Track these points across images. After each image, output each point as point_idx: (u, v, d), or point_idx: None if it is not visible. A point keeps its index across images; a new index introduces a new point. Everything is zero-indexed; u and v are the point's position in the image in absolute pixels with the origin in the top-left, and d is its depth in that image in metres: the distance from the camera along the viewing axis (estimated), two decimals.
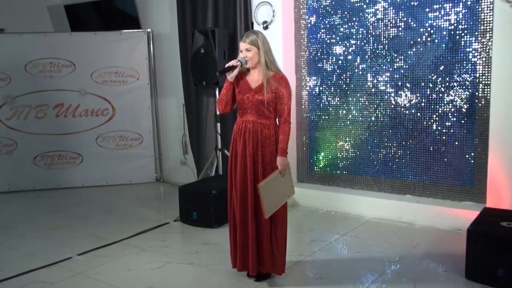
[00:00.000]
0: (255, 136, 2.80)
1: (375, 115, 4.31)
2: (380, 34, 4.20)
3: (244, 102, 2.81)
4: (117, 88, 5.52)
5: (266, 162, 2.79)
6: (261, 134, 2.79)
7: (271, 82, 2.75)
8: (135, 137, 5.62)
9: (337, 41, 4.45)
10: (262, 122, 2.80)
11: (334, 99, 4.54)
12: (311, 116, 4.68)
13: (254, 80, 2.84)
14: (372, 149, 4.35)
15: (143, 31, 5.54)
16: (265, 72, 2.76)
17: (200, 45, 4.73)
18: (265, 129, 2.79)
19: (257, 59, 2.79)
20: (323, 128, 4.62)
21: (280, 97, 2.77)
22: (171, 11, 5.40)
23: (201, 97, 5.21)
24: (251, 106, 2.80)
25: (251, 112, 2.81)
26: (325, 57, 4.54)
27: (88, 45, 5.43)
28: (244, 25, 4.70)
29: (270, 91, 2.75)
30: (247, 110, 2.82)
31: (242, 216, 2.81)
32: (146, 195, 5.23)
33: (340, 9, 4.39)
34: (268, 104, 2.75)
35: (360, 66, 4.35)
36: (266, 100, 2.74)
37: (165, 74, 5.67)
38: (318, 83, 4.61)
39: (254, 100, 2.78)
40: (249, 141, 2.80)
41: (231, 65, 2.76)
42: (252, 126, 2.80)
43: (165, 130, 5.80)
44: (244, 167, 2.81)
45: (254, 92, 2.79)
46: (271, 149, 2.80)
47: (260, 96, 2.76)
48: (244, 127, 2.83)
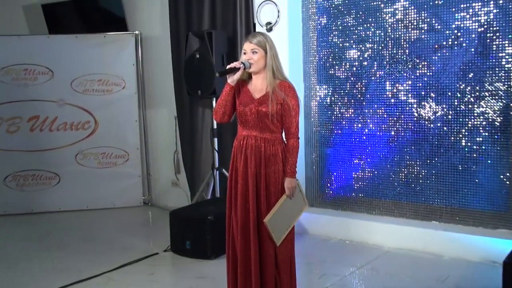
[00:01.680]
0: (258, 154, 2.78)
1: (395, 129, 4.30)
2: (400, 37, 4.20)
3: (245, 114, 2.80)
4: (101, 98, 5.52)
5: (270, 183, 2.78)
6: (265, 151, 2.78)
7: (277, 92, 2.75)
8: (120, 154, 5.61)
9: (351, 45, 4.45)
10: (266, 138, 2.79)
11: (348, 110, 4.53)
12: (322, 130, 4.67)
13: (257, 89, 2.83)
14: (392, 168, 4.34)
15: (130, 34, 5.56)
16: (271, 80, 2.75)
17: (195, 49, 4.74)
18: (269, 145, 2.79)
19: (263, 63, 2.79)
20: (336, 144, 4.61)
21: (287, 109, 2.76)
22: (162, 11, 5.42)
23: (196, 109, 5.21)
24: (253, 119, 2.79)
25: (254, 126, 2.80)
26: (337, 63, 4.54)
27: (68, 49, 5.44)
28: (245, 26, 4.71)
29: (276, 102, 2.74)
30: (249, 123, 2.81)
31: (244, 246, 2.78)
32: (132, 221, 5.20)
33: (354, 8, 4.41)
34: (273, 117, 2.74)
35: (377, 73, 4.35)
36: (271, 112, 2.73)
37: (155, 82, 5.67)
38: (329, 93, 4.61)
39: (257, 113, 2.77)
40: (251, 159, 2.78)
41: (234, 66, 2.76)
42: (254, 142, 2.79)
43: (155, 146, 5.77)
44: (246, 189, 2.79)
45: (257, 103, 2.78)
46: (276, 168, 2.79)
47: (264, 107, 2.75)
48: (245, 143, 2.82)
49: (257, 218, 2.76)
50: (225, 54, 4.69)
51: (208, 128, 5.09)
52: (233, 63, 2.78)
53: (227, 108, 2.84)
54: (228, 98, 2.83)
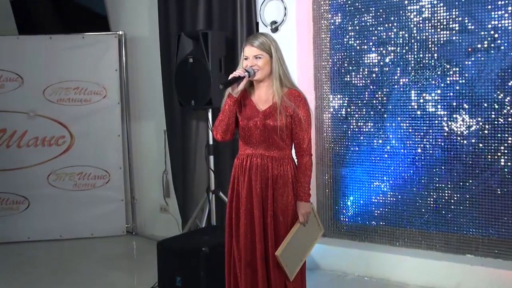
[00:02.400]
0: (264, 175, 2.78)
1: (422, 146, 4.26)
2: (427, 39, 4.18)
3: (250, 129, 2.80)
4: (78, 109, 5.50)
5: (278, 210, 2.77)
6: (273, 171, 2.77)
7: (285, 102, 2.73)
8: (100, 174, 5.57)
9: (370, 48, 4.43)
10: (274, 156, 2.79)
11: (367, 124, 4.50)
12: (336, 147, 4.63)
13: (262, 99, 2.83)
14: (419, 192, 4.29)
15: (113, 34, 5.54)
16: (278, 88, 2.74)
17: (188, 52, 4.72)
18: (277, 164, 2.78)
19: (268, 69, 2.79)
20: (352, 164, 4.57)
21: (298, 122, 2.76)
22: (150, 8, 5.42)
23: (189, 122, 5.18)
24: (259, 135, 2.78)
25: (259, 143, 2.80)
26: (354, 68, 4.52)
27: (40, 52, 5.43)
28: (247, 26, 4.69)
29: (285, 113, 2.72)
30: (253, 139, 2.80)
31: (249, 285, 2.78)
32: (113, 252, 5.16)
33: (373, 5, 4.40)
34: (282, 131, 2.73)
35: (400, 81, 4.33)
36: (280, 126, 2.70)
37: (142, 90, 5.65)
38: (345, 103, 4.58)
39: (263, 127, 2.77)
40: (256, 181, 2.79)
41: (237, 75, 2.74)
42: (260, 161, 2.79)
43: (140, 166, 5.74)
44: (251, 217, 2.79)
45: (264, 115, 2.78)
46: (285, 192, 2.78)
47: (272, 121, 2.75)
48: (249, 162, 2.81)
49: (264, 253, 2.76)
50: (223, 58, 4.67)
51: (203, 144, 5.06)
52: (236, 72, 2.78)
53: (230, 124, 2.84)
54: (231, 113, 2.82)
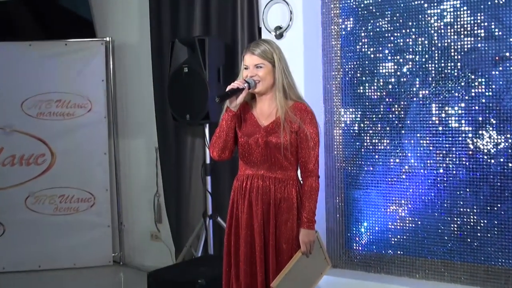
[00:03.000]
0: (266, 198, 2.79)
1: (445, 165, 4.25)
2: (450, 46, 4.18)
3: (250, 147, 2.81)
4: (59, 124, 5.51)
5: (281, 237, 2.78)
6: (276, 194, 2.78)
7: (290, 117, 2.74)
8: (84, 197, 5.57)
9: (386, 56, 4.43)
10: (277, 177, 2.80)
11: (382, 141, 4.49)
12: (348, 167, 4.63)
13: (264, 113, 2.84)
14: (441, 217, 4.27)
15: (99, 41, 5.57)
16: (282, 101, 2.75)
17: (183, 61, 4.74)
18: (281, 186, 2.79)
19: (270, 80, 2.81)
20: (366, 185, 4.56)
21: (304, 139, 2.77)
22: (141, 12, 5.45)
23: (183, 138, 5.19)
24: (260, 153, 2.79)
25: (261, 162, 2.81)
26: (368, 79, 4.52)
27: (18, 61, 5.45)
28: (248, 32, 4.71)
29: (289, 130, 2.73)
30: (254, 158, 2.82)
31: None
32: (99, 285, 5.13)
33: (389, 9, 4.41)
34: (286, 149, 2.73)
35: (420, 93, 4.32)
36: (284, 143, 2.70)
37: (131, 103, 5.67)
38: (357, 118, 4.58)
39: (265, 144, 2.78)
40: (257, 205, 2.79)
41: (236, 87, 2.75)
42: (262, 183, 2.80)
43: (129, 187, 5.74)
44: (251, 245, 2.80)
45: (266, 131, 2.79)
46: (290, 218, 2.79)
47: (275, 137, 2.76)
48: (249, 184, 2.83)
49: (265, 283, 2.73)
50: (222, 67, 4.69)
51: (198, 164, 5.06)
52: (235, 83, 2.80)
53: (228, 141, 2.85)
54: (229, 129, 2.83)
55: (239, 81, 2.80)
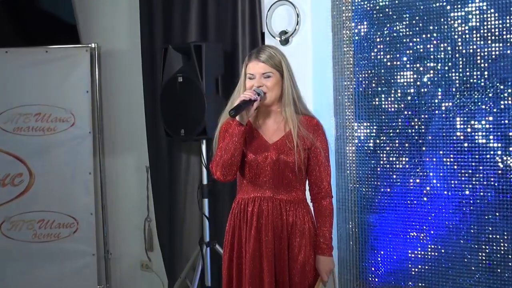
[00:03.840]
0: (278, 223, 2.80)
1: (471, 186, 4.24)
2: (476, 53, 4.18)
3: (259, 166, 2.83)
4: (39, 140, 5.50)
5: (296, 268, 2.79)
6: (288, 218, 2.79)
7: (302, 132, 2.76)
8: (66, 222, 5.55)
9: (404, 64, 4.44)
10: (287, 199, 2.81)
11: (400, 159, 4.48)
12: (362, 187, 4.62)
13: (269, 128, 2.88)
14: (468, 244, 4.25)
15: (83, 47, 5.57)
16: (292, 114, 2.76)
17: (177, 69, 4.75)
18: (292, 209, 2.82)
19: (278, 91, 2.83)
20: (383, 209, 4.55)
21: (316, 157, 2.78)
22: (131, 15, 5.48)
23: (178, 156, 5.20)
24: (270, 172, 2.82)
25: (270, 182, 2.83)
26: (384, 89, 4.52)
27: None
28: (250, 37, 4.73)
29: (302, 147, 2.73)
30: (263, 178, 2.84)
31: None
32: None
33: (408, 12, 4.41)
34: (299, 168, 2.77)
35: (442, 105, 4.32)
36: (298, 162, 2.75)
37: (119, 117, 5.68)
38: (372, 133, 4.58)
39: (277, 163, 2.80)
40: (267, 232, 2.80)
41: (248, 98, 2.76)
42: (272, 207, 2.82)
43: (117, 211, 5.74)
44: (260, 279, 2.79)
45: (276, 149, 2.81)
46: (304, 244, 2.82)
47: (286, 155, 2.79)
48: (257, 207, 2.84)
49: None
50: (221, 76, 4.70)
51: (194, 185, 5.07)
52: (246, 94, 2.81)
53: (236, 158, 2.84)
54: (239, 145, 2.83)
55: (250, 92, 2.81)
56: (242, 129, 2.81)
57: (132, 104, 5.49)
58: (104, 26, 5.67)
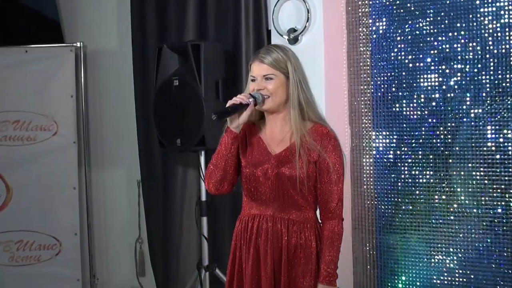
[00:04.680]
0: (277, 245, 2.79)
1: (504, 203, 4.23)
2: (509, 53, 4.18)
3: (257, 180, 2.83)
4: (18, 150, 5.51)
5: None
6: (289, 240, 2.79)
7: (308, 142, 2.76)
8: (47, 243, 5.55)
9: (428, 66, 4.44)
10: (291, 218, 2.80)
11: (424, 172, 4.48)
12: (381, 205, 4.63)
13: (275, 138, 2.86)
14: (500, 269, 4.24)
15: (68, 47, 5.58)
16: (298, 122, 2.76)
17: (173, 72, 4.76)
18: (296, 230, 2.81)
19: (283, 95, 2.83)
20: (404, 229, 4.55)
21: (325, 172, 2.78)
22: (120, 11, 5.50)
23: (173, 169, 5.20)
24: (270, 188, 2.81)
25: (271, 199, 2.82)
26: (405, 94, 4.52)
27: None
28: (255, 36, 4.74)
29: (307, 159, 2.73)
30: (262, 194, 2.83)
31: None
32: None
33: (432, 7, 4.42)
34: (303, 184, 2.76)
35: (471, 112, 4.32)
36: (300, 177, 2.72)
37: (107, 125, 5.69)
38: (393, 144, 4.59)
39: (277, 177, 2.79)
40: (266, 254, 2.80)
41: (239, 102, 2.77)
42: (272, 226, 2.81)
43: (104, 231, 5.75)
44: None
45: (277, 161, 2.80)
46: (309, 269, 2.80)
47: (289, 169, 2.78)
48: (256, 226, 2.84)
49: None
50: (221, 80, 4.70)
51: (192, 201, 5.07)
52: (237, 97, 2.80)
53: (227, 170, 2.85)
54: (229, 154, 2.84)
55: (242, 95, 2.80)
56: (233, 136, 2.82)
57: (122, 110, 5.50)
58: (90, 23, 5.68)
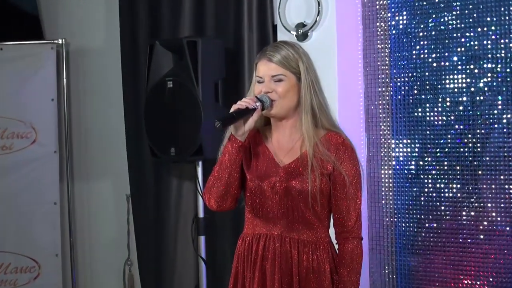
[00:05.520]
0: (287, 268, 2.81)
1: None
2: None
3: (263, 194, 2.84)
4: None
5: None
6: (300, 262, 2.81)
7: (321, 152, 2.77)
8: (25, 265, 5.55)
9: (455, 65, 4.44)
10: (302, 238, 2.82)
11: (450, 186, 4.48)
12: (402, 222, 4.63)
13: (283, 146, 2.88)
14: None
15: (48, 44, 5.61)
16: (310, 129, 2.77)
17: (166, 72, 4.77)
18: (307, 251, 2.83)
19: (294, 99, 2.84)
20: (428, 249, 4.55)
21: (341, 186, 2.80)
22: (107, 5, 5.53)
23: (167, 181, 5.22)
24: (278, 204, 2.82)
25: (279, 216, 2.83)
26: (429, 97, 4.53)
27: None
28: (258, 31, 4.74)
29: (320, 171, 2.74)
30: (269, 211, 2.84)
31: None
32: None
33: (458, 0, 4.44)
34: (315, 199, 2.76)
35: (503, 117, 4.32)
36: (312, 191, 2.73)
37: (92, 132, 5.70)
38: (415, 153, 4.59)
39: (285, 191, 2.79)
40: (273, 278, 2.81)
41: (244, 107, 2.78)
42: (280, 246, 2.83)
43: (89, 252, 5.75)
44: None
45: (286, 173, 2.82)
46: None
47: (299, 182, 2.79)
48: (261, 247, 2.86)
49: None
50: (222, 80, 4.74)
51: (188, 218, 5.10)
52: (243, 101, 2.80)
53: (231, 183, 2.86)
54: (233, 166, 2.84)
55: (248, 99, 2.80)
56: (238, 146, 2.81)
57: (109, 116, 5.52)
58: (74, 17, 5.70)
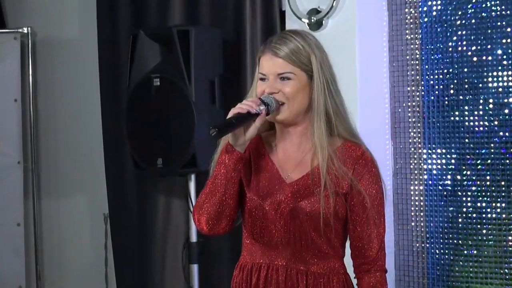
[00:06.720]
0: None
1: None
2: None
3: (265, 216, 2.85)
4: None
5: None
6: None
7: (336, 167, 2.76)
8: None
9: (499, 60, 4.46)
10: (311, 270, 2.84)
11: (493, 205, 4.49)
12: (434, 249, 4.65)
13: (290, 158, 2.89)
14: None
15: (11, 33, 5.65)
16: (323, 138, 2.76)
17: (153, 67, 4.79)
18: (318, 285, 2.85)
19: (304, 101, 2.83)
20: (467, 281, 4.56)
21: (360, 207, 2.80)
22: None
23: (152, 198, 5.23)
24: (284, 229, 2.84)
25: (284, 243, 2.85)
26: (468, 98, 4.54)
27: None
28: (263, 19, 4.76)
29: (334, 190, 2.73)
30: (272, 236, 2.85)
31: None
32: None
33: None
34: (328, 223, 2.75)
35: None
36: (325, 214, 2.72)
37: (64, 139, 5.72)
38: (451, 165, 4.61)
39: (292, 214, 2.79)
40: None
41: (246, 111, 2.75)
42: (285, 280, 2.85)
43: (59, 282, 5.78)
44: None
45: (293, 191, 2.82)
46: None
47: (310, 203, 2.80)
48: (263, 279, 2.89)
49: None
50: (219, 77, 4.74)
51: (178, 243, 5.12)
52: (244, 104, 2.78)
53: (227, 203, 2.86)
54: (230, 181, 2.83)
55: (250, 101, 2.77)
56: (237, 157, 2.79)
57: (83, 120, 5.55)
58: (42, 3, 5.74)
